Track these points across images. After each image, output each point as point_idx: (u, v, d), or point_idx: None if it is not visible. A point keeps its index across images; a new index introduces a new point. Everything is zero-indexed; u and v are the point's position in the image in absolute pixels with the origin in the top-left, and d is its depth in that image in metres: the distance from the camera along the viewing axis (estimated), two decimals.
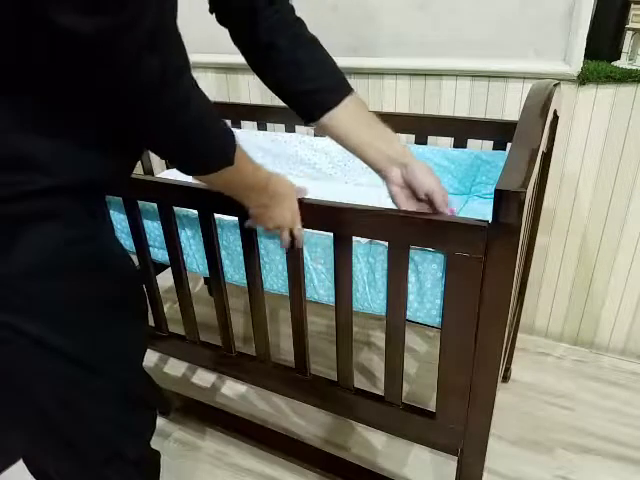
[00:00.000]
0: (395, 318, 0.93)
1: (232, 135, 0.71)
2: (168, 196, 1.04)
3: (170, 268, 1.15)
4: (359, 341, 1.70)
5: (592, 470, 1.27)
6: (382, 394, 1.03)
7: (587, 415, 1.42)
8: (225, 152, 0.71)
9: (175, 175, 1.34)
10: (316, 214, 0.90)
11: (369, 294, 0.96)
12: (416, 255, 0.87)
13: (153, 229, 1.15)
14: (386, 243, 0.88)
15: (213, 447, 1.37)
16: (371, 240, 0.92)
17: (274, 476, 1.28)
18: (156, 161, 1.82)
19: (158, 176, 1.51)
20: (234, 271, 1.09)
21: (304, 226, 0.92)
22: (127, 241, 1.17)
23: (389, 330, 0.95)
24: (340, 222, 0.88)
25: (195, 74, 0.65)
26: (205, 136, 0.68)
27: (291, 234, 0.90)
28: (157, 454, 0.95)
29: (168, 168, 1.60)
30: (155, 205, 1.08)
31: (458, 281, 0.82)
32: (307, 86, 0.90)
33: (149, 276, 1.19)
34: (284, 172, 1.61)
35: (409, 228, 0.82)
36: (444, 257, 0.84)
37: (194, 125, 0.66)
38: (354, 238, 0.92)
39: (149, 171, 1.61)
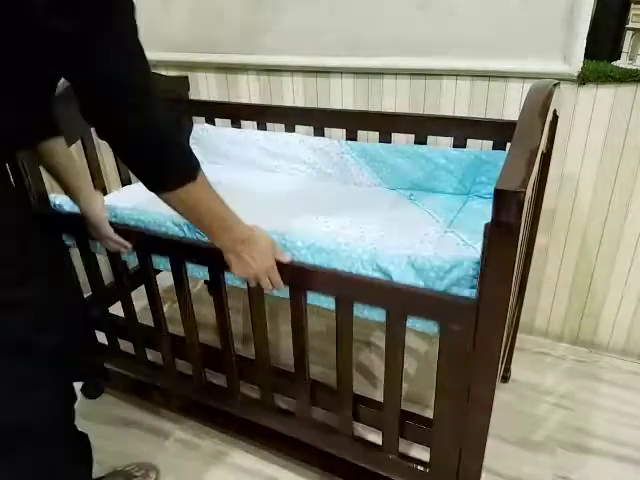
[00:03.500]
0: (390, 394, 0.99)
1: (195, 158, 0.84)
2: (180, 253, 1.12)
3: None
4: (359, 341, 1.70)
5: (592, 470, 1.27)
6: (380, 443, 1.09)
7: (587, 415, 1.42)
8: (186, 169, 0.82)
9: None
10: (319, 279, 0.95)
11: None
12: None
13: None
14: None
15: (213, 447, 1.37)
16: (375, 247, 0.93)
17: (274, 476, 1.28)
18: (113, 180, 1.82)
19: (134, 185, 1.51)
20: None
21: (308, 288, 0.98)
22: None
23: (386, 393, 1.00)
24: (342, 288, 0.94)
25: (195, 74, 0.66)
26: (168, 152, 0.79)
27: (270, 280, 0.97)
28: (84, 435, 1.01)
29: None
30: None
31: (449, 358, 0.89)
32: None
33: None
34: (284, 172, 1.61)
35: (405, 298, 0.88)
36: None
37: (159, 142, 0.78)
38: (361, 229, 0.91)
39: (127, 181, 1.60)
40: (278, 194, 1.46)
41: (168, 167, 0.81)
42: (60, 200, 1.23)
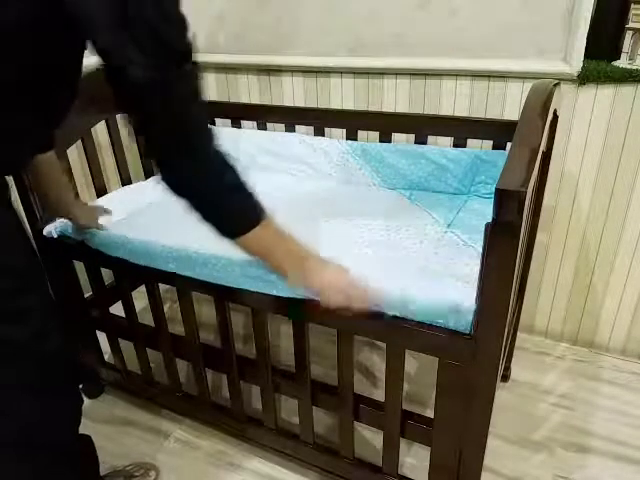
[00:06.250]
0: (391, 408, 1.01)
1: (259, 203, 0.83)
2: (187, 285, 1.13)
3: None
4: (359, 341, 1.70)
5: (592, 470, 1.27)
6: (380, 465, 1.11)
7: (587, 415, 1.42)
8: (250, 215, 0.82)
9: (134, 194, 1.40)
10: (320, 312, 0.95)
11: None
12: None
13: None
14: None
15: (213, 447, 1.37)
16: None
17: (274, 476, 1.28)
18: (113, 181, 1.79)
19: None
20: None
21: (309, 321, 1.00)
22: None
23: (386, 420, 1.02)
24: (343, 322, 0.95)
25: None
26: (230, 200, 0.80)
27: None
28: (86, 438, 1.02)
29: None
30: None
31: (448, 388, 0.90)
32: None
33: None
34: (284, 172, 1.61)
35: (404, 334, 0.89)
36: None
37: (226, 190, 0.79)
38: (361, 229, 0.91)
39: (127, 181, 1.59)
40: (278, 194, 1.46)
41: (230, 215, 0.81)
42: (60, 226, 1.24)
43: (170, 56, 0.69)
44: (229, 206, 0.81)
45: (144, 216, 1.31)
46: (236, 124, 1.70)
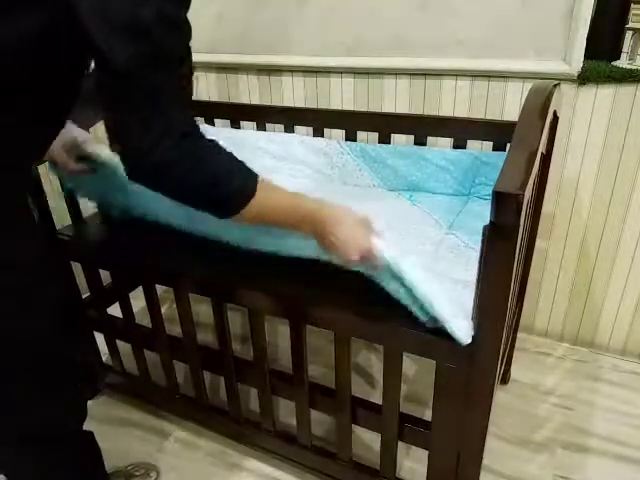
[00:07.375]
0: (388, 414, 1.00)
1: (248, 172, 0.80)
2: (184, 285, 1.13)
3: None
4: (357, 341, 1.70)
5: (592, 470, 1.27)
6: (378, 468, 1.11)
7: (587, 415, 1.42)
8: (242, 192, 0.78)
9: None
10: (318, 314, 0.97)
11: None
12: None
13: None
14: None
15: (213, 447, 1.37)
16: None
17: (274, 476, 1.28)
18: None
19: None
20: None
21: (306, 322, 0.98)
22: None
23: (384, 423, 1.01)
24: (339, 325, 0.96)
25: (196, 74, 0.66)
26: (222, 187, 0.76)
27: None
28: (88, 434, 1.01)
29: None
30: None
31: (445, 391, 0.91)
32: None
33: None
34: (283, 173, 1.60)
35: (401, 338, 0.89)
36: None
37: (208, 182, 0.75)
38: None
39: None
40: None
41: (223, 199, 0.77)
42: None
43: (156, 56, 0.69)
44: (226, 192, 0.76)
45: None
46: (236, 124, 1.70)
